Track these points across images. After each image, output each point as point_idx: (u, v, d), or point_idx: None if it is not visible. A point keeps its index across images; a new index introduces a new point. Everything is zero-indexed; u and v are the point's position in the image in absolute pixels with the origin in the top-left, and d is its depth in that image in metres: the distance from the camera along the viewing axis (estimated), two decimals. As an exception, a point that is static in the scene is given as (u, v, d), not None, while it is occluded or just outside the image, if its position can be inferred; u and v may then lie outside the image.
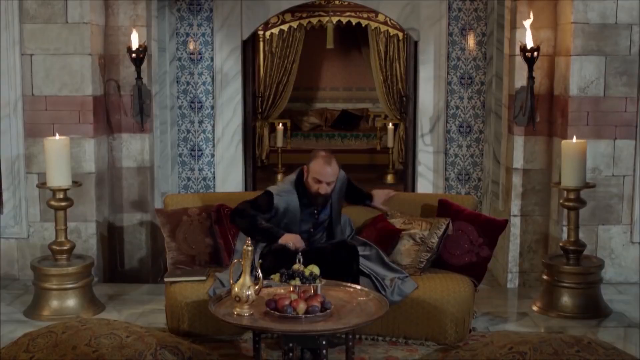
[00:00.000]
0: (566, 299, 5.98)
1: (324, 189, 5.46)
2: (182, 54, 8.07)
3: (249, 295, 4.38)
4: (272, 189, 5.65)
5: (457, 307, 5.26)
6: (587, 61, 6.46)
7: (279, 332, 4.33)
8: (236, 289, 4.41)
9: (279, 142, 12.88)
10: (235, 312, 4.39)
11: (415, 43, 8.10)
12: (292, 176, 5.69)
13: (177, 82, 8.11)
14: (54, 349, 4.27)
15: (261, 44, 13.50)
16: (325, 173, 5.45)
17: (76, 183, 6.03)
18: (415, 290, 5.27)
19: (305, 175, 5.54)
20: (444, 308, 5.19)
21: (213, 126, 8.15)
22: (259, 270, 4.47)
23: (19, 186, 6.62)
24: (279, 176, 12.36)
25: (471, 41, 7.99)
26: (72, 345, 4.26)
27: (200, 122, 8.12)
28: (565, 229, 6.23)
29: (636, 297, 6.38)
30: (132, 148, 7.02)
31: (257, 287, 4.41)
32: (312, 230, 5.61)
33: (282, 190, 5.60)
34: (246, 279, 4.40)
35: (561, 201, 6.13)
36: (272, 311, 4.33)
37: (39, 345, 4.32)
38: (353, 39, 15.07)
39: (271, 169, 12.88)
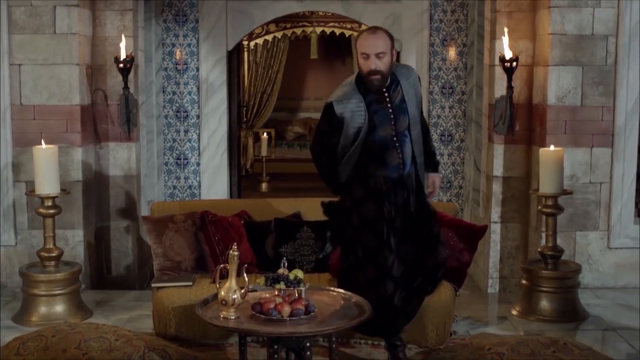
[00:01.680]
0: (545, 303, 6.15)
1: (373, 64, 4.74)
2: (168, 64, 8.15)
3: (235, 299, 4.50)
4: (331, 97, 4.99)
5: (438, 311, 5.40)
6: (564, 71, 6.65)
7: (264, 334, 4.45)
8: (222, 292, 4.53)
9: (264, 151, 13.00)
10: (222, 316, 4.50)
11: (398, 53, 8.24)
12: (352, 76, 5.06)
13: (163, 91, 8.18)
14: (45, 352, 4.37)
15: (246, 54, 13.62)
16: (368, 42, 4.79)
17: (64, 191, 6.15)
18: (397, 295, 5.44)
19: (357, 62, 4.97)
20: (425, 312, 5.29)
21: (199, 135, 8.22)
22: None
23: (7, 194, 6.71)
24: (264, 185, 12.50)
25: (452, 52, 8.13)
26: (62, 348, 4.37)
27: (186, 131, 8.20)
28: (543, 235, 6.40)
29: (613, 301, 6.56)
30: (119, 157, 7.12)
31: (242, 291, 4.54)
32: (395, 138, 4.90)
33: (341, 94, 4.94)
34: (232, 283, 4.52)
35: (539, 207, 6.30)
36: (258, 314, 4.44)
37: (29, 349, 4.43)
38: (337, 49, 15.24)
39: (256, 178, 13.00)
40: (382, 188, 4.87)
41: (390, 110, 4.87)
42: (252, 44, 13.37)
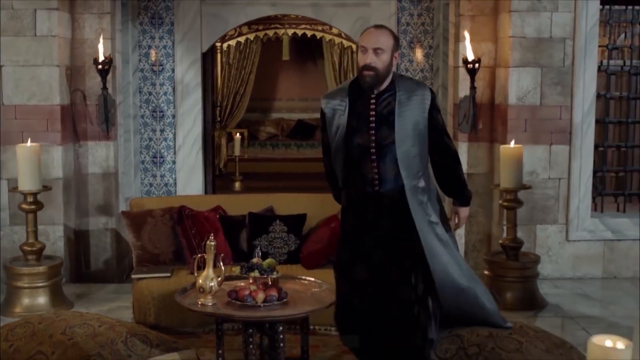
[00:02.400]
0: (506, 292, 6.48)
1: (369, 58, 4.41)
2: (144, 65, 8.38)
3: (212, 286, 4.78)
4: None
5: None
6: (524, 72, 7.00)
7: (239, 318, 4.71)
8: (200, 280, 4.82)
9: (237, 151, 13.24)
10: (200, 302, 4.78)
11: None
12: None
13: (140, 92, 8.40)
14: (32, 338, 4.61)
15: (219, 55, 13.84)
16: (369, 36, 4.47)
17: (46, 187, 6.40)
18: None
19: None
20: None
21: (174, 134, 8.45)
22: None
23: (-11, 192, 6.96)
24: (237, 184, 12.74)
25: (419, 54, 8.43)
26: (48, 334, 4.60)
27: (162, 131, 8.44)
28: (505, 228, 6.75)
29: (571, 291, 6.92)
30: (98, 155, 7.37)
31: (219, 279, 4.83)
32: (373, 150, 4.53)
33: (332, 90, 4.83)
34: (209, 271, 4.81)
35: (500, 202, 6.64)
36: (234, 301, 4.71)
37: (17, 335, 4.66)
38: (308, 50, 15.49)
39: (229, 177, 13.23)
40: (355, 200, 4.62)
41: (372, 119, 4.51)
42: (225, 45, 13.58)
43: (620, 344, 3.22)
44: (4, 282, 6.40)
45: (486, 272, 6.63)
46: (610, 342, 3.53)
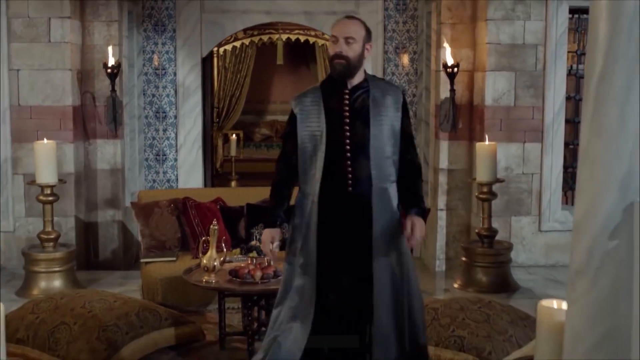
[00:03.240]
0: (481, 277, 7.14)
1: (340, 47, 4.31)
2: (148, 69, 8.97)
3: (215, 265, 5.43)
4: None
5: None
6: (499, 76, 7.63)
7: (240, 292, 5.35)
8: (204, 260, 5.47)
9: (233, 152, 13.81)
10: (204, 279, 5.42)
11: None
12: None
13: (144, 94, 8.98)
14: (55, 311, 5.23)
15: (215, 59, 14.41)
16: (340, 25, 4.41)
17: (61, 181, 7.04)
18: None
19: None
20: None
21: (176, 134, 9.04)
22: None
23: (7, 186, 7.54)
24: (233, 183, 13.33)
25: (404, 59, 9.01)
26: (70, 307, 5.23)
27: (165, 130, 9.04)
28: (481, 218, 7.40)
29: (543, 277, 7.56)
30: (106, 152, 8.01)
31: (222, 259, 5.48)
32: (347, 147, 4.38)
33: (302, 92, 4.62)
34: (213, 252, 5.46)
35: (477, 194, 7.29)
36: (234, 278, 5.36)
37: (42, 308, 5.28)
38: (302, 55, 16.06)
39: (225, 177, 13.81)
40: (328, 202, 4.39)
41: (347, 114, 4.41)
42: (221, 50, 14.17)
43: (564, 305, 3.88)
44: (23, 267, 7.02)
45: (463, 259, 7.28)
46: (555, 304, 4.23)
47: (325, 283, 4.35)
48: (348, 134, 4.39)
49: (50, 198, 6.89)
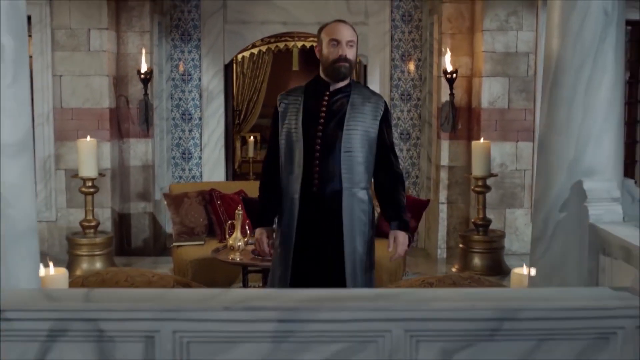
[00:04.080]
0: (477, 261, 8.05)
1: (344, 50, 4.50)
2: (175, 75, 9.89)
3: (240, 245, 6.38)
4: None
5: (391, 263, 7.25)
6: (495, 81, 8.54)
7: (261, 266, 6.28)
8: (230, 241, 6.41)
9: (250, 153, 14.70)
10: (230, 257, 6.37)
11: (365, 66, 10.04)
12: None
13: (172, 97, 9.87)
14: (102, 284, 6.11)
15: (234, 65, 15.31)
16: (339, 29, 4.55)
17: (102, 174, 8.00)
18: (360, 251, 7.21)
19: (318, 54, 4.67)
20: (381, 263, 6.98)
21: (200, 134, 9.92)
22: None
23: (50, 180, 8.50)
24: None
25: (409, 65, 9.85)
26: (115, 281, 6.14)
27: (190, 131, 9.97)
28: (477, 209, 8.30)
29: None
30: (138, 150, 8.97)
31: (245, 239, 6.42)
32: (317, 146, 4.52)
33: (291, 89, 4.89)
34: (238, 234, 6.40)
35: (472, 187, 8.20)
36: (257, 256, 6.30)
37: (90, 282, 6.19)
38: (316, 61, 16.91)
39: (244, 177, 14.71)
40: (295, 197, 4.54)
41: (322, 114, 4.55)
42: (239, 56, 15.06)
43: (533, 271, 4.79)
44: (67, 251, 7.98)
45: (461, 245, 8.19)
46: (525, 271, 5.17)
47: (300, 278, 4.47)
48: (320, 134, 4.52)
49: (92, 190, 7.85)
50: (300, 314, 2.81)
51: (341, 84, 4.60)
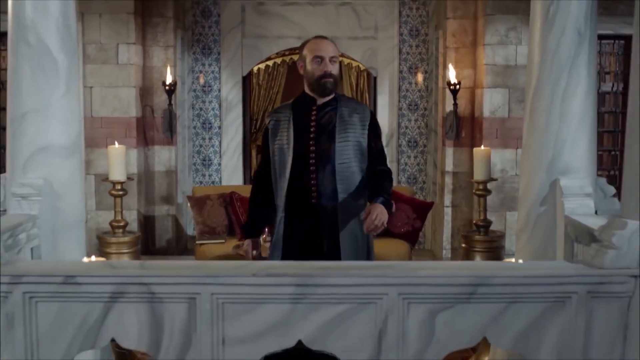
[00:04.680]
0: (478, 259, 8.70)
1: (328, 66, 4.70)
2: (196, 86, 10.61)
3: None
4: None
5: (398, 259, 7.94)
6: (495, 92, 9.21)
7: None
8: (250, 237, 7.10)
9: (266, 161, 15.38)
10: (250, 252, 7.08)
11: (375, 78, 10.72)
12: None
13: (193, 107, 10.58)
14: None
15: (251, 77, 15.98)
16: (322, 46, 4.74)
17: (130, 178, 8.73)
18: (369, 248, 7.90)
19: (302, 71, 4.84)
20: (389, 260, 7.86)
21: (220, 142, 10.63)
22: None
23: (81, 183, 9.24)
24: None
25: (417, 77, 10.52)
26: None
27: (210, 139, 10.68)
28: (478, 211, 8.97)
29: (532, 262, 9.14)
30: (162, 156, 9.70)
31: (263, 236, 7.10)
32: (312, 160, 4.71)
33: (278, 107, 5.15)
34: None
35: (474, 191, 8.88)
36: (274, 251, 6.99)
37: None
38: (329, 73, 17.63)
39: (259, 184, 15.40)
40: (295, 213, 4.73)
41: (312, 129, 4.73)
42: (255, 68, 15.78)
43: (520, 260, 5.44)
44: (97, 249, 8.70)
45: (463, 245, 8.87)
46: (513, 260, 5.85)
47: None
48: (313, 147, 4.69)
49: (120, 192, 8.57)
50: (313, 280, 3.51)
51: (327, 98, 4.79)
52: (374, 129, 4.85)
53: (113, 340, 3.60)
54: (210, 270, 3.59)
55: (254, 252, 4.93)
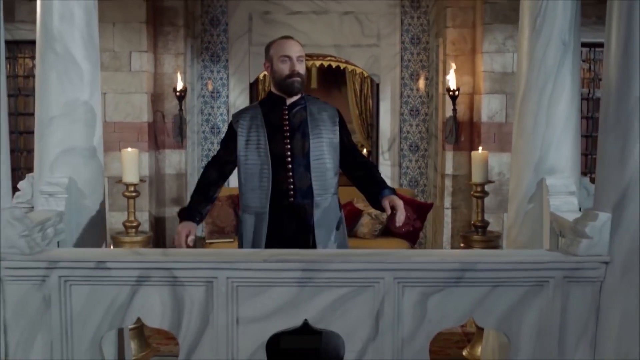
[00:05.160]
0: (475, 259, 9.14)
1: (295, 66, 4.80)
2: (205, 92, 11.02)
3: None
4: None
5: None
6: (493, 98, 9.65)
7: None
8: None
9: (271, 166, 15.75)
10: (258, 249, 7.53)
11: (377, 85, 11.12)
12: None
13: (202, 113, 10.98)
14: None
15: (257, 84, 16.37)
16: (289, 46, 4.84)
17: (142, 180, 9.16)
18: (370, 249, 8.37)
19: (269, 71, 4.96)
20: None
21: None
22: None
23: (95, 186, 9.70)
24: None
25: (417, 84, 10.93)
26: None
27: (218, 143, 11.00)
28: (476, 212, 9.40)
29: (529, 262, 9.56)
30: (172, 160, 10.16)
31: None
32: (288, 159, 4.82)
33: (243, 109, 5.21)
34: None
35: (472, 193, 9.29)
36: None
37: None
38: (333, 79, 17.93)
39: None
40: (265, 212, 4.82)
41: (286, 128, 4.83)
42: (261, 75, 16.15)
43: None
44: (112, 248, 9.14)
45: (461, 245, 9.28)
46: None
47: None
48: (289, 146, 4.79)
49: (134, 194, 8.98)
50: (317, 265, 3.95)
51: (295, 98, 4.92)
52: (343, 126, 5.00)
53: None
54: (226, 256, 4.04)
55: (190, 237, 4.77)
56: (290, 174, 4.77)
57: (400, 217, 4.69)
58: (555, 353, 4.00)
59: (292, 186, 4.78)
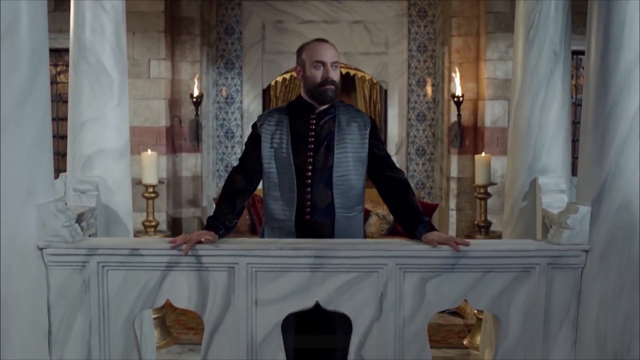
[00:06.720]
0: (478, 257, 9.61)
1: (330, 72, 4.39)
2: (220, 98, 11.54)
3: (279, 236, 8.01)
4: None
5: (404, 256, 8.88)
6: (496, 104, 10.14)
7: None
8: (272, 233, 8.03)
9: (282, 170, 16.28)
10: (271, 246, 8.02)
11: (385, 91, 11.64)
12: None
13: (216, 118, 11.51)
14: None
15: (270, 90, 16.90)
16: (323, 50, 4.43)
17: (160, 182, 9.69)
18: (378, 245, 8.81)
19: (299, 76, 4.58)
20: None
21: (241, 150, 11.48)
22: None
23: (115, 187, 10.23)
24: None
25: (424, 90, 11.46)
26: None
27: (232, 147, 11.57)
28: (479, 213, 9.88)
29: (530, 261, 10.02)
30: (189, 163, 10.68)
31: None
32: (309, 173, 4.52)
33: (270, 110, 4.77)
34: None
35: (475, 194, 9.79)
36: (293, 245, 7.91)
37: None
38: (344, 85, 18.45)
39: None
40: (291, 230, 4.70)
41: (311, 139, 4.52)
42: (273, 81, 16.71)
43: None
44: (131, 247, 9.66)
45: (465, 244, 9.76)
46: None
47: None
48: (311, 159, 4.51)
49: (153, 195, 9.51)
50: (327, 252, 4.45)
51: (325, 106, 4.57)
52: (375, 135, 4.62)
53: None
54: (246, 245, 4.55)
55: (198, 244, 4.40)
56: (309, 189, 4.52)
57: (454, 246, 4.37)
58: (540, 332, 4.48)
59: (309, 202, 4.57)
